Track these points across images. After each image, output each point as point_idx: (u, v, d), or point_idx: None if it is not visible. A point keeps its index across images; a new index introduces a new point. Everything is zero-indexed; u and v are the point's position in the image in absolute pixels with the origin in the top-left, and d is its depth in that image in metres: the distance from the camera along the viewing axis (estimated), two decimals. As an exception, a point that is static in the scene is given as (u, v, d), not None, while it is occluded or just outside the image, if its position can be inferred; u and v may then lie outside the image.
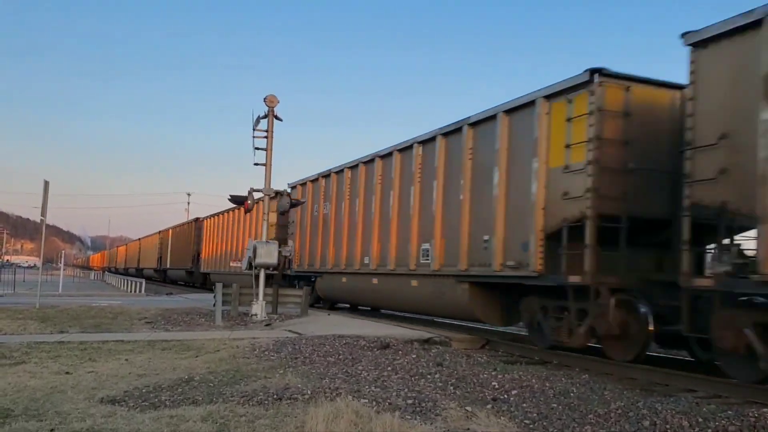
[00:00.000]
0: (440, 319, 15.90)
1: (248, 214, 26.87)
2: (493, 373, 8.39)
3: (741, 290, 7.34)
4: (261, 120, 16.03)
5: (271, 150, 16.08)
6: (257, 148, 16.00)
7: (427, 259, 13.05)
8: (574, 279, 9.22)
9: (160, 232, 46.65)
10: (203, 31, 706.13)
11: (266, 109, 16.02)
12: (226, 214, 30.02)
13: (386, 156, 15.15)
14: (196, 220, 36.61)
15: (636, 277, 9.10)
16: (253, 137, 15.98)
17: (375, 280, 15.35)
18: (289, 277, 20.98)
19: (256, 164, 16.08)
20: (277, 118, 16.07)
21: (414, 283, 13.54)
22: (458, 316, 13.16)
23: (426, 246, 13.14)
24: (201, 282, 34.44)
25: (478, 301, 11.67)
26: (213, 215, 32.88)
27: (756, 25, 7.02)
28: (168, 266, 42.59)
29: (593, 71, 9.25)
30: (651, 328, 8.75)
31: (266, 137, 16.04)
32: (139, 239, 59.52)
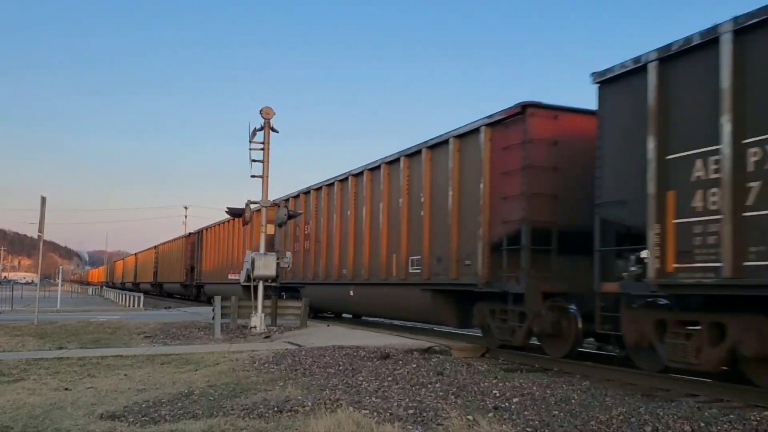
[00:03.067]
0: (440, 328, 15.88)
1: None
2: (493, 381, 8.38)
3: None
4: (257, 132, 16.03)
5: (268, 162, 16.06)
6: (254, 160, 15.99)
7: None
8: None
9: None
10: (200, 46, 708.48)
11: (262, 121, 16.04)
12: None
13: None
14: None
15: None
16: (250, 149, 15.98)
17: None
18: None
19: (253, 176, 16.06)
20: (273, 129, 16.07)
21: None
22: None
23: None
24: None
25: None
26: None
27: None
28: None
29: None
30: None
31: (263, 149, 16.04)
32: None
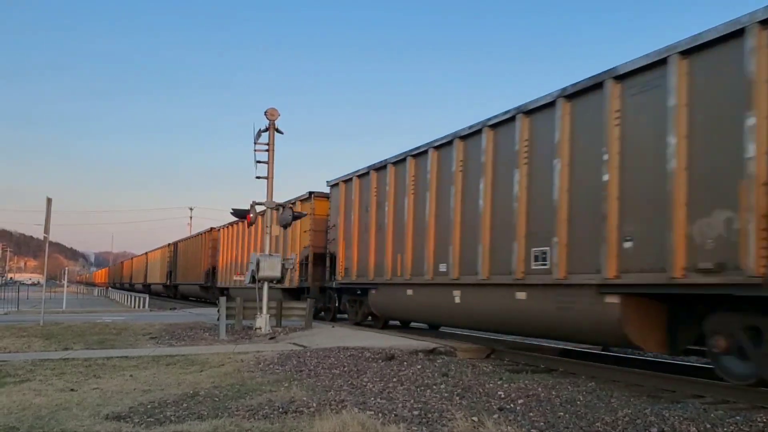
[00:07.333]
0: (444, 329, 15.85)
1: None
2: (498, 382, 8.37)
3: None
4: (262, 133, 16.08)
5: (273, 163, 16.10)
6: (259, 162, 16.05)
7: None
8: None
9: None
10: (206, 48, 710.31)
11: (267, 122, 16.08)
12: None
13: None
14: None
15: None
16: (255, 151, 16.03)
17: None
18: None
19: (258, 177, 16.11)
20: (277, 131, 16.12)
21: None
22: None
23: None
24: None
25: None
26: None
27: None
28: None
29: None
30: None
31: (267, 150, 16.08)
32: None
